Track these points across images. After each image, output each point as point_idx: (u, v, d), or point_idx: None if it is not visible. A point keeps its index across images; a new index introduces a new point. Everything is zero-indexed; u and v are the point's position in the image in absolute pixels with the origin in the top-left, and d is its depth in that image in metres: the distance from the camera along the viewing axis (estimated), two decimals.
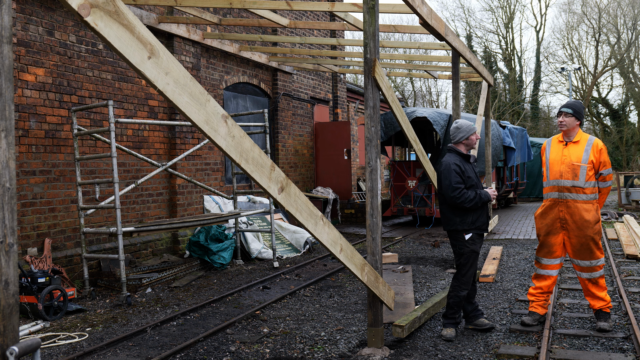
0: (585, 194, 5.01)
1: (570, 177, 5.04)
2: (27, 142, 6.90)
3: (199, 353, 4.81)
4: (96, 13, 2.32)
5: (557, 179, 5.10)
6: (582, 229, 5.01)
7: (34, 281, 5.98)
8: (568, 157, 5.08)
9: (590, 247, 5.04)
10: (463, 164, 5.06)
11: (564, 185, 5.06)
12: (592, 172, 5.02)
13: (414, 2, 5.77)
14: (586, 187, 5.01)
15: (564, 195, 5.08)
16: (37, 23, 7.05)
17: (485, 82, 10.96)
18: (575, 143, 5.12)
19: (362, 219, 13.84)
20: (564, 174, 5.06)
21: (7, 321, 2.16)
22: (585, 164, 5.00)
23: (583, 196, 5.02)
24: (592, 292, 5.12)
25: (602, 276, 5.12)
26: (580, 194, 5.02)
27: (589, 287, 5.13)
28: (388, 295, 4.87)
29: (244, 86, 11.61)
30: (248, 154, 3.19)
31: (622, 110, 39.23)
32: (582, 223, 5.00)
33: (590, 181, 5.01)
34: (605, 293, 5.12)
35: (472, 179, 5.03)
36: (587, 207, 5.00)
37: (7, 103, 2.15)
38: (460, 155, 5.12)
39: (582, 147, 5.07)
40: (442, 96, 44.81)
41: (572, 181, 5.03)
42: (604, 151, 5.07)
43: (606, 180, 5.11)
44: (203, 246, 8.55)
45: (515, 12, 42.02)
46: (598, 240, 5.06)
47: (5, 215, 2.15)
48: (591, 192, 5.02)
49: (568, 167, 5.05)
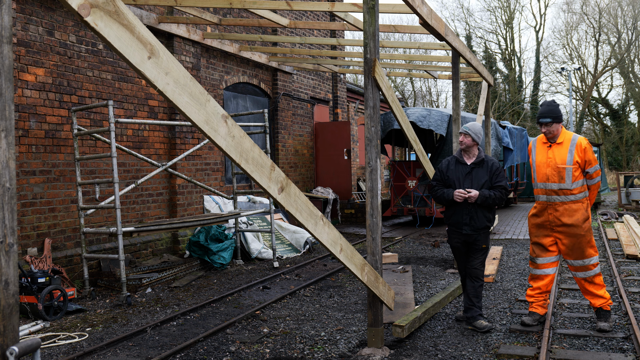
0: (574, 194, 5.02)
1: (557, 179, 5.04)
2: (27, 142, 6.90)
3: (199, 353, 4.81)
4: (96, 13, 2.32)
5: (544, 182, 5.11)
6: (571, 229, 5.03)
7: (34, 281, 5.98)
8: (553, 159, 5.07)
9: (581, 246, 5.05)
10: (452, 165, 5.48)
11: (551, 189, 5.07)
12: (579, 172, 5.02)
13: (414, 2, 5.77)
14: (574, 188, 5.02)
15: (551, 199, 5.09)
16: (37, 23, 7.05)
17: (485, 82, 10.96)
18: (559, 144, 5.10)
19: (362, 219, 13.84)
20: (550, 177, 5.07)
21: (7, 321, 2.16)
22: (570, 165, 5.00)
23: (571, 197, 5.03)
24: (590, 290, 5.12)
25: (598, 274, 5.10)
26: (569, 195, 5.03)
27: (586, 286, 5.14)
28: (388, 295, 4.87)
29: (244, 86, 11.61)
30: (248, 154, 3.19)
31: (622, 110, 39.22)
32: (571, 223, 5.02)
33: (578, 181, 5.01)
34: (604, 291, 5.11)
35: (451, 179, 5.40)
36: (575, 207, 5.02)
37: (7, 103, 2.15)
38: (455, 157, 5.51)
39: (566, 148, 5.05)
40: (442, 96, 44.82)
41: (559, 184, 5.04)
42: (589, 149, 5.04)
43: (593, 178, 5.09)
44: (203, 246, 8.55)
45: (514, 12, 42.03)
46: (590, 238, 5.06)
47: (5, 215, 2.15)
48: (579, 192, 5.03)
49: (554, 169, 5.05)
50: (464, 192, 5.24)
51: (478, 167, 5.36)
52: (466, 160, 5.42)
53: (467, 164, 5.38)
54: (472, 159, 5.43)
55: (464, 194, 5.23)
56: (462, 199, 5.24)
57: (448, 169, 5.47)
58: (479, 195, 5.22)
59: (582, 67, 39.22)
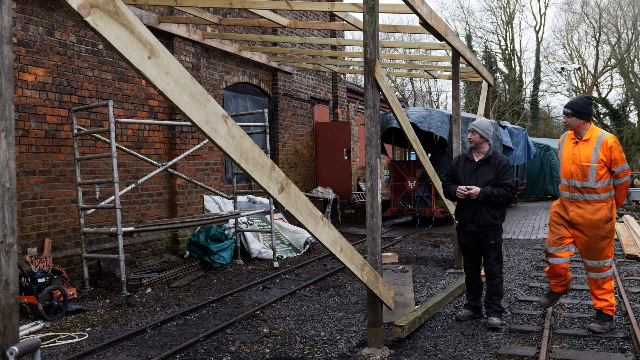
0: (597, 193, 4.87)
1: (580, 177, 4.90)
2: (27, 142, 6.90)
3: (199, 353, 4.81)
4: (96, 13, 2.32)
5: (568, 178, 4.99)
6: (592, 229, 4.90)
7: (34, 281, 5.98)
8: (578, 156, 4.93)
9: (599, 247, 4.93)
10: (462, 161, 5.59)
11: (574, 186, 4.94)
12: (604, 171, 4.84)
13: (414, 2, 5.77)
14: (597, 187, 4.85)
15: (574, 196, 4.96)
16: (37, 23, 7.05)
17: (485, 82, 10.96)
18: (585, 141, 4.94)
19: (362, 219, 13.84)
20: (574, 174, 4.93)
21: (7, 321, 2.17)
22: (594, 164, 4.83)
23: (595, 196, 4.88)
24: (597, 293, 5.05)
25: (610, 278, 4.99)
26: (592, 194, 4.88)
27: (595, 287, 5.05)
28: (388, 295, 4.87)
29: (244, 86, 11.61)
30: (248, 154, 3.19)
31: (622, 110, 39.21)
32: (592, 223, 4.88)
33: (603, 180, 4.85)
34: (611, 296, 5.01)
35: (459, 175, 5.52)
36: (598, 207, 4.87)
37: (7, 103, 2.15)
38: (465, 154, 5.58)
39: (591, 146, 4.88)
40: (442, 96, 44.84)
41: (582, 182, 4.90)
42: (615, 148, 4.83)
43: (620, 177, 4.87)
44: (203, 246, 8.55)
45: (514, 12, 42.03)
46: (610, 240, 4.93)
47: (5, 215, 2.15)
48: (604, 192, 4.87)
49: (578, 167, 4.91)
50: (464, 189, 5.31)
51: (484, 164, 5.38)
52: (474, 157, 5.47)
53: (475, 160, 5.44)
54: (480, 156, 5.45)
55: (465, 191, 5.30)
56: (463, 196, 5.32)
57: (458, 165, 5.60)
58: (479, 192, 5.23)
59: (582, 67, 39.24)
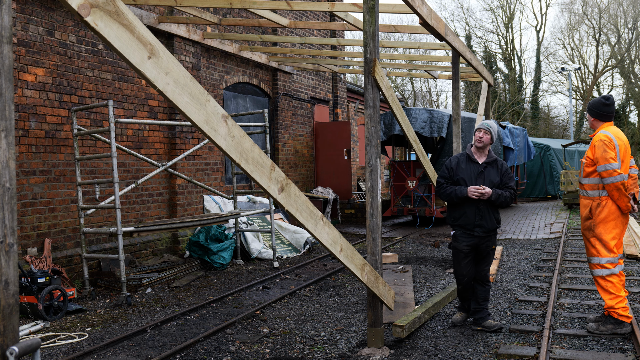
0: (585, 190, 5.07)
1: (580, 172, 5.19)
2: (27, 142, 6.90)
3: (199, 353, 4.81)
4: (96, 13, 2.32)
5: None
6: (582, 224, 5.13)
7: (34, 281, 5.98)
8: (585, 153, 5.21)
9: (585, 244, 5.13)
10: (463, 162, 5.24)
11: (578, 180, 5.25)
12: (591, 169, 4.96)
13: (414, 2, 5.77)
14: (584, 183, 5.07)
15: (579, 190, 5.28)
16: (37, 23, 7.05)
17: (485, 82, 10.96)
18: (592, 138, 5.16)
19: (362, 219, 13.84)
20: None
21: (7, 321, 2.17)
22: (583, 160, 5.10)
23: (582, 192, 5.12)
24: (598, 290, 5.13)
25: (602, 277, 4.97)
26: (582, 189, 5.13)
27: (595, 284, 5.11)
28: (388, 295, 4.87)
29: (244, 86, 11.61)
30: (248, 154, 3.19)
31: (622, 110, 39.21)
32: (582, 218, 5.12)
33: (591, 177, 4.99)
34: (609, 297, 4.96)
35: (461, 177, 5.19)
36: (585, 203, 5.08)
37: (7, 103, 2.15)
38: (466, 154, 5.30)
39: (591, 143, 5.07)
40: (442, 96, 44.83)
41: (579, 177, 5.19)
42: (599, 147, 4.88)
43: (603, 177, 4.86)
44: (203, 246, 8.55)
45: (515, 12, 42.07)
46: (589, 237, 5.02)
47: (5, 215, 2.15)
48: (591, 189, 5.00)
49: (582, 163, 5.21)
50: (480, 188, 5.02)
51: (490, 166, 5.20)
52: (478, 159, 5.23)
53: (479, 162, 5.20)
54: (483, 158, 5.24)
55: (481, 189, 5.01)
56: (478, 195, 5.01)
57: (458, 166, 5.23)
58: (492, 192, 5.04)
59: (582, 67, 39.25)
